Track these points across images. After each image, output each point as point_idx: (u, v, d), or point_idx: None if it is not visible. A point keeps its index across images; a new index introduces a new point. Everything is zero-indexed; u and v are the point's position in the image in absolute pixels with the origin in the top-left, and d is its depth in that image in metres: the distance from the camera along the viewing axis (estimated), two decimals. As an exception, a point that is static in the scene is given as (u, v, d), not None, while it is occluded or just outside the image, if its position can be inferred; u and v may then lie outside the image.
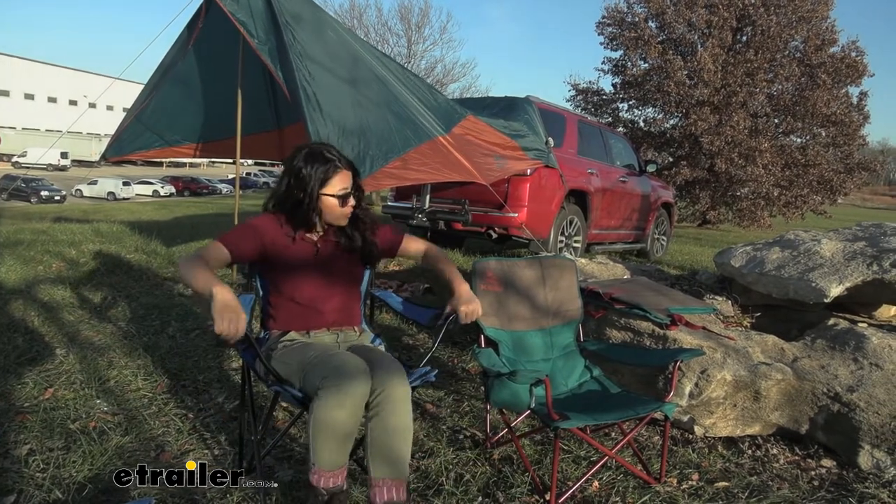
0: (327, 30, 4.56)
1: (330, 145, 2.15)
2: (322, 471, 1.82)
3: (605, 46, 20.93)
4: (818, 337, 3.09)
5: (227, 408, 2.80)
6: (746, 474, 2.50)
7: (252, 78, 5.48)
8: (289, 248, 2.12)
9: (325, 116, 3.96)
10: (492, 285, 2.62)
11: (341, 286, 2.24)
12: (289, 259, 2.12)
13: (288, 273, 2.14)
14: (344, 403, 1.77)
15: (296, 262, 2.13)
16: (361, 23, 28.65)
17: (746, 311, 3.63)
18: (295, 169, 2.06)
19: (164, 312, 4.20)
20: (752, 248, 3.74)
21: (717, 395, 2.71)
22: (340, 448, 1.83)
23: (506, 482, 2.29)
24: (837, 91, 19.05)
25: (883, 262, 3.11)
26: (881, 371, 2.74)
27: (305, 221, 2.11)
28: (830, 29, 19.27)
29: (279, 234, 2.11)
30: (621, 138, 8.81)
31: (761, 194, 18.96)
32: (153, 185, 36.56)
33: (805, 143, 19.71)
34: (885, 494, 2.35)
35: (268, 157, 7.14)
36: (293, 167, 2.07)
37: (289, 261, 2.13)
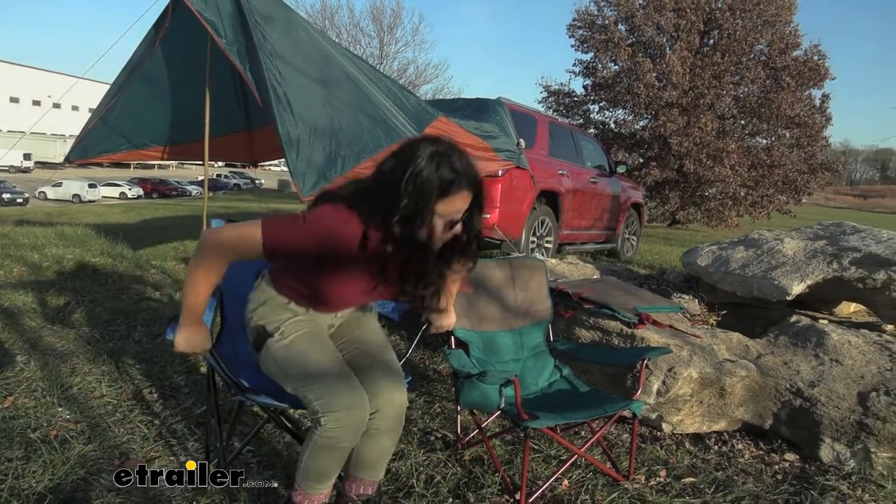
0: (298, 30, 4.53)
1: (457, 148, 1.67)
2: (311, 496, 1.81)
3: (576, 49, 21.16)
4: (781, 334, 3.16)
5: (195, 413, 2.76)
6: (713, 470, 2.54)
7: (221, 78, 5.42)
8: (350, 254, 1.68)
9: (296, 117, 3.93)
10: (462, 286, 2.63)
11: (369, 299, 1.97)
12: (342, 264, 1.73)
13: (328, 273, 1.77)
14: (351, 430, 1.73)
15: (346, 268, 1.75)
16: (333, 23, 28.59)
17: (712, 310, 3.70)
18: (416, 168, 1.59)
19: (130, 317, 4.13)
20: (717, 248, 3.81)
21: (684, 393, 2.75)
22: (334, 472, 1.82)
23: (476, 483, 2.30)
24: (801, 93, 19.54)
25: (842, 260, 3.19)
26: (841, 366, 2.81)
27: (402, 235, 1.64)
28: (793, 33, 19.76)
29: (349, 240, 1.67)
30: (592, 139, 8.90)
31: (729, 194, 19.35)
32: (120, 188, 35.85)
33: (770, 145, 20.15)
34: (844, 486, 2.41)
35: (237, 158, 7.06)
36: (414, 164, 1.59)
37: (340, 265, 1.74)
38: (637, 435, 2.60)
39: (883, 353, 2.89)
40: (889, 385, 2.65)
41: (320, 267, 1.74)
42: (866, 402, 2.60)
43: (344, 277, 1.78)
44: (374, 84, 4.66)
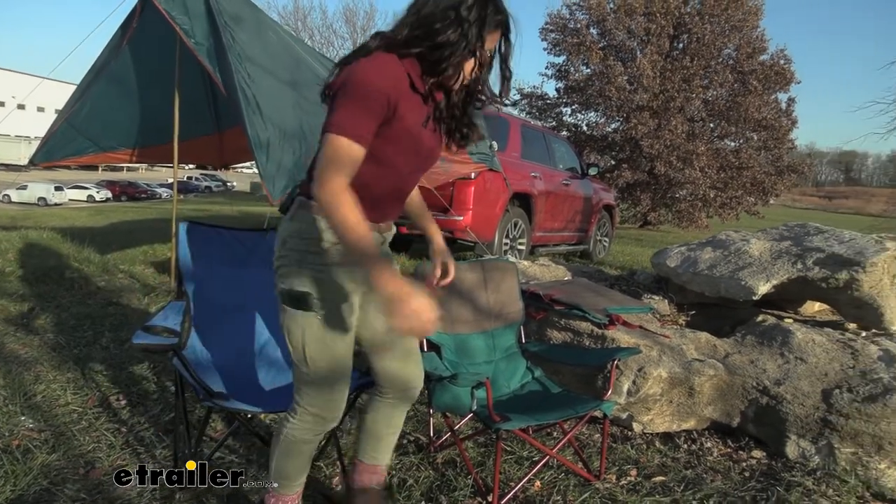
0: (268, 31, 4.49)
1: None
2: (285, 496, 1.79)
3: (549, 52, 21.33)
4: (748, 333, 3.22)
5: (164, 420, 2.71)
6: (682, 468, 2.57)
7: (190, 80, 5.35)
8: (414, 111, 1.55)
9: (265, 119, 3.89)
10: (434, 288, 2.63)
11: (425, 169, 1.76)
12: (408, 127, 1.54)
13: (395, 146, 1.56)
14: (320, 433, 1.72)
15: (411, 132, 1.56)
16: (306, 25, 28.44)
17: (682, 310, 3.75)
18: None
19: (97, 322, 4.05)
20: (686, 249, 3.87)
21: (654, 392, 2.78)
22: (305, 470, 1.81)
23: (449, 486, 2.30)
24: (767, 97, 19.98)
25: (806, 260, 3.27)
26: (805, 364, 2.87)
27: (453, 72, 1.54)
28: (760, 38, 20.20)
29: (408, 91, 1.52)
30: (564, 142, 8.98)
31: (699, 196, 19.69)
32: (88, 190, 35.14)
33: (739, 147, 20.57)
34: (809, 482, 2.46)
35: (208, 161, 6.98)
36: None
37: (407, 129, 1.55)
38: (608, 435, 2.63)
39: (845, 351, 2.95)
40: (851, 382, 2.72)
41: (384, 137, 1.52)
42: (830, 400, 2.66)
43: (404, 140, 1.56)
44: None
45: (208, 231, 2.43)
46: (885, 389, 2.62)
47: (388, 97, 1.46)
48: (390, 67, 1.48)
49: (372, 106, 1.44)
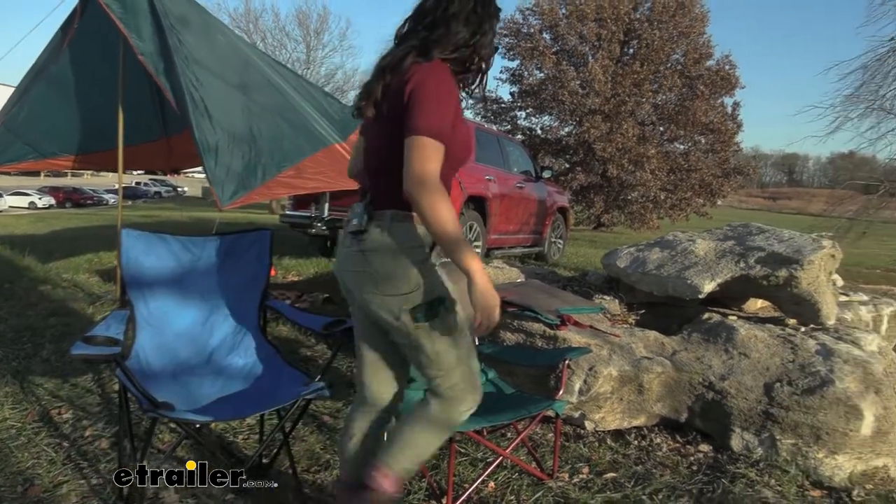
0: (217, 34, 4.41)
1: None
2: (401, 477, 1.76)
3: (503, 56, 21.53)
4: (694, 331, 3.31)
5: (108, 434, 2.63)
6: (633, 464, 2.63)
7: (136, 84, 5.19)
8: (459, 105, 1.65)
9: (213, 123, 3.81)
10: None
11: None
12: (462, 126, 1.63)
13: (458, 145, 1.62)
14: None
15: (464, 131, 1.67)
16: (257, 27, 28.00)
17: (631, 309, 3.83)
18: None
19: (37, 334, 3.90)
20: (635, 249, 3.95)
21: (605, 391, 2.84)
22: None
23: (403, 489, 2.29)
24: (714, 101, 20.60)
25: (749, 259, 3.38)
26: (748, 359, 2.97)
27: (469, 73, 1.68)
28: (706, 44, 20.83)
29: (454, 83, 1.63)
30: (518, 145, 9.07)
31: (650, 198, 20.16)
32: (29, 197, 33.83)
33: (687, 150, 21.14)
34: (753, 473, 2.55)
35: (156, 167, 6.80)
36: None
37: (462, 128, 1.64)
38: (560, 434, 2.67)
39: (786, 345, 3.07)
40: (791, 376, 2.82)
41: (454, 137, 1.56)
42: (771, 393, 2.76)
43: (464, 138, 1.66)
44: (295, 90, 4.60)
45: (152, 237, 2.37)
46: (823, 382, 2.73)
47: (458, 98, 1.58)
48: (449, 72, 1.58)
49: (453, 107, 1.54)
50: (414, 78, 1.53)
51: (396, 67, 1.57)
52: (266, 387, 2.21)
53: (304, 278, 5.78)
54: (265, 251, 2.52)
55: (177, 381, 2.20)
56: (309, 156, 4.29)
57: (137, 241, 2.33)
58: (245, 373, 2.32)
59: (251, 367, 2.34)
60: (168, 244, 2.40)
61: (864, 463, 2.63)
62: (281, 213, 7.51)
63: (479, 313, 1.49)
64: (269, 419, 2.69)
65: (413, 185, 1.44)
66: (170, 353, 2.27)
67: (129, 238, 2.32)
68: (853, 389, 2.70)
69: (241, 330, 2.43)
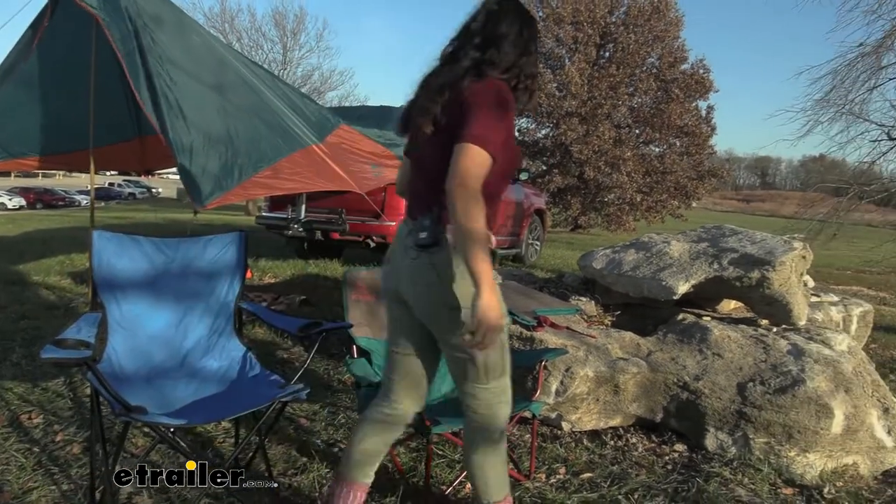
0: (191, 34, 4.35)
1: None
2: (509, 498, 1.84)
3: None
4: (669, 331, 3.35)
5: (79, 438, 2.58)
6: (609, 464, 2.65)
7: (108, 83, 5.10)
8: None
9: (188, 124, 3.76)
10: (363, 295, 2.62)
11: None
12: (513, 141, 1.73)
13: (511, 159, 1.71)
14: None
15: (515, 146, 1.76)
16: (233, 27, 27.70)
17: (607, 310, 3.86)
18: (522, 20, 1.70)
19: (7, 338, 3.81)
20: (611, 251, 3.99)
21: (581, 391, 2.86)
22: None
23: (381, 492, 2.28)
24: (689, 104, 20.91)
25: (722, 260, 3.43)
26: (722, 359, 3.01)
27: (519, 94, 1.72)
28: (681, 48, 21.14)
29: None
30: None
31: (626, 200, 20.38)
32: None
33: (663, 152, 21.43)
34: (727, 472, 2.59)
35: (129, 168, 6.68)
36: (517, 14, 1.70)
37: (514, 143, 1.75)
38: (537, 435, 2.68)
39: (758, 346, 3.12)
40: (764, 375, 2.87)
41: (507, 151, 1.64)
42: (744, 392, 2.80)
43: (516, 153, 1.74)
44: (271, 91, 4.56)
45: (125, 239, 2.33)
46: (794, 381, 2.78)
47: (512, 115, 1.64)
48: (507, 88, 1.63)
49: (507, 123, 1.60)
50: (470, 92, 1.59)
51: (455, 86, 1.62)
52: (242, 389, 2.18)
53: (280, 280, 5.73)
54: (240, 253, 2.50)
55: (150, 385, 2.16)
56: (286, 156, 4.25)
57: (109, 242, 2.29)
58: (220, 375, 2.29)
59: (226, 370, 2.31)
60: (141, 245, 2.36)
61: (834, 461, 2.68)
62: (257, 214, 7.44)
63: (479, 328, 1.48)
64: (245, 422, 2.67)
65: (454, 185, 1.49)
66: (143, 356, 2.24)
67: (101, 239, 2.28)
68: (824, 388, 2.75)
69: (215, 332, 2.40)
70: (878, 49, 8.83)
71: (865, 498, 2.50)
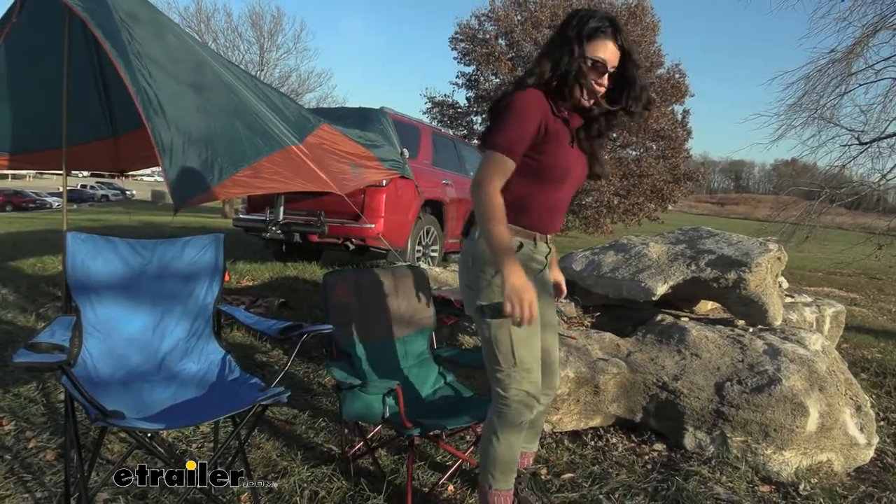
0: (167, 32, 4.29)
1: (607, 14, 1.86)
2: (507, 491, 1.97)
3: (459, 61, 21.68)
4: (648, 332, 3.38)
5: (54, 445, 2.52)
6: (589, 464, 2.67)
7: (81, 80, 5.01)
8: (560, 134, 1.85)
9: (168, 122, 3.71)
10: (343, 297, 2.60)
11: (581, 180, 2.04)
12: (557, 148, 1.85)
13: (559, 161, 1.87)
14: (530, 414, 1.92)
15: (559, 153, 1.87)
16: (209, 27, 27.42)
17: (587, 312, 3.89)
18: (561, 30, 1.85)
19: (-25, 342, 3.72)
20: (590, 253, 4.02)
21: (562, 392, 2.87)
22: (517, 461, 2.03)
23: (363, 495, 2.27)
24: (665, 108, 21.14)
25: (700, 262, 3.47)
26: (700, 360, 3.05)
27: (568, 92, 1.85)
28: (657, 52, 21.38)
29: (552, 117, 1.84)
30: (475, 150, 9.12)
31: (604, 203, 20.56)
32: (-34, 199, 32.31)
33: (639, 156, 21.65)
34: (705, 470, 2.61)
35: (102, 168, 6.55)
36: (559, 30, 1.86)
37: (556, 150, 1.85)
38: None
39: (735, 346, 3.16)
40: (741, 375, 2.91)
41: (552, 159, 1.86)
42: (722, 392, 2.83)
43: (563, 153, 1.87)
44: (250, 91, 4.52)
45: (99, 240, 2.29)
46: (770, 380, 2.82)
47: (540, 119, 1.79)
48: (538, 97, 1.80)
49: (529, 127, 1.78)
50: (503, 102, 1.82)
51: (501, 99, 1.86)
52: (221, 393, 2.15)
53: (258, 283, 5.67)
54: (219, 255, 2.47)
55: (127, 389, 2.13)
56: (266, 156, 4.22)
57: (84, 243, 2.25)
58: (198, 379, 2.26)
59: (205, 373, 2.28)
60: (116, 247, 2.32)
61: (809, 458, 2.73)
62: (234, 216, 7.36)
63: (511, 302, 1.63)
64: (224, 426, 2.64)
65: (472, 188, 1.77)
66: (119, 360, 2.19)
67: (75, 241, 2.23)
68: (799, 387, 2.79)
69: (194, 335, 2.37)
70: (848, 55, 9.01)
71: (839, 494, 2.54)
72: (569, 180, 1.93)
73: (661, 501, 2.37)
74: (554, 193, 1.92)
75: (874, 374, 4.22)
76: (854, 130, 9.68)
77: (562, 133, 1.85)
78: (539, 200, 1.90)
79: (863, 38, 8.76)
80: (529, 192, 1.88)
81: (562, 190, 1.94)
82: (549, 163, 1.84)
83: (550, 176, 1.87)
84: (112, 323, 2.24)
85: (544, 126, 1.80)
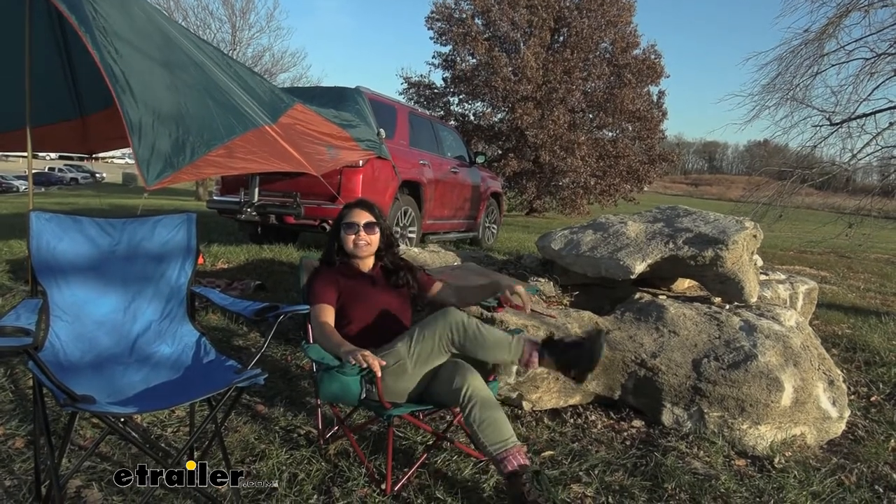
0: (133, 6, 4.15)
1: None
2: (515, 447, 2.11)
3: (435, 41, 21.46)
4: (627, 310, 3.39)
5: (22, 432, 2.45)
6: (569, 441, 2.68)
7: (45, 58, 4.84)
8: (355, 280, 2.52)
9: (137, 99, 3.59)
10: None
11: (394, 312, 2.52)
12: (356, 288, 2.49)
13: (357, 300, 2.46)
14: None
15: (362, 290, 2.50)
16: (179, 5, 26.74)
17: (566, 290, 3.89)
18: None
19: (-61, 328, 3.60)
20: (569, 232, 4.01)
21: (541, 371, 2.86)
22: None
23: (342, 476, 2.25)
24: (640, 89, 21.25)
25: (677, 240, 3.48)
26: (678, 337, 3.07)
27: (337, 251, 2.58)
28: (633, 33, 21.42)
29: (340, 274, 2.51)
30: (451, 130, 9.06)
31: (580, 184, 20.65)
32: (-71, 183, 31.37)
33: (615, 137, 21.76)
34: (683, 445, 2.64)
35: (70, 149, 6.38)
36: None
37: (357, 289, 2.49)
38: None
39: (712, 322, 3.19)
40: (718, 351, 2.93)
41: (353, 300, 2.51)
42: (699, 368, 2.86)
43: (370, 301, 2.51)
44: (221, 69, 4.40)
45: (65, 220, 2.21)
46: (746, 356, 2.85)
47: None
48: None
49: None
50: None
51: None
52: (196, 375, 2.10)
53: (234, 266, 5.58)
54: (191, 234, 2.40)
55: (98, 373, 2.06)
56: (239, 135, 4.12)
57: (49, 223, 2.17)
58: (172, 361, 2.20)
59: (179, 355, 2.23)
60: (83, 227, 2.24)
61: (783, 432, 2.77)
62: (208, 199, 7.22)
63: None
64: (200, 410, 2.59)
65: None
66: (89, 343, 2.13)
67: (40, 221, 2.15)
68: (774, 363, 2.83)
69: (167, 317, 2.31)
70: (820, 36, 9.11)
71: (812, 466, 2.59)
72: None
73: (640, 477, 2.39)
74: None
75: (844, 349, 4.30)
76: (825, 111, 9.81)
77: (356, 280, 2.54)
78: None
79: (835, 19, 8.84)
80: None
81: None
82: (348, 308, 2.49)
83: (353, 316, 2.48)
84: (81, 305, 2.17)
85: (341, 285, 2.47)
